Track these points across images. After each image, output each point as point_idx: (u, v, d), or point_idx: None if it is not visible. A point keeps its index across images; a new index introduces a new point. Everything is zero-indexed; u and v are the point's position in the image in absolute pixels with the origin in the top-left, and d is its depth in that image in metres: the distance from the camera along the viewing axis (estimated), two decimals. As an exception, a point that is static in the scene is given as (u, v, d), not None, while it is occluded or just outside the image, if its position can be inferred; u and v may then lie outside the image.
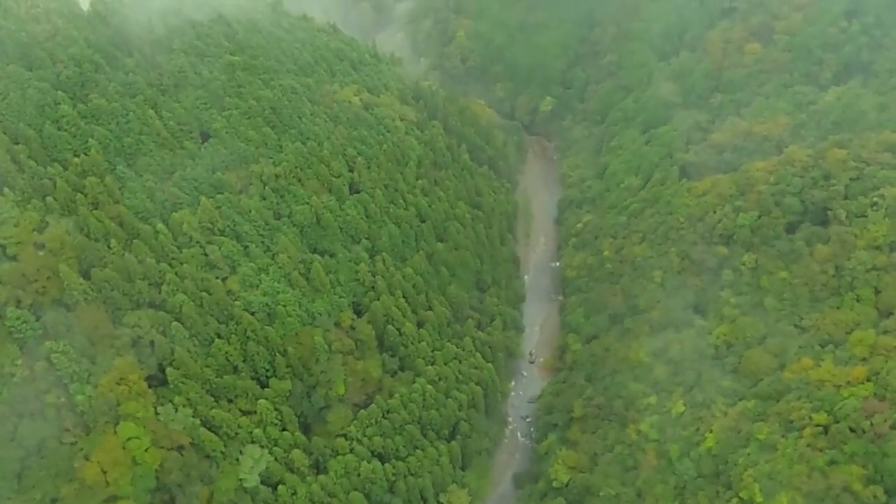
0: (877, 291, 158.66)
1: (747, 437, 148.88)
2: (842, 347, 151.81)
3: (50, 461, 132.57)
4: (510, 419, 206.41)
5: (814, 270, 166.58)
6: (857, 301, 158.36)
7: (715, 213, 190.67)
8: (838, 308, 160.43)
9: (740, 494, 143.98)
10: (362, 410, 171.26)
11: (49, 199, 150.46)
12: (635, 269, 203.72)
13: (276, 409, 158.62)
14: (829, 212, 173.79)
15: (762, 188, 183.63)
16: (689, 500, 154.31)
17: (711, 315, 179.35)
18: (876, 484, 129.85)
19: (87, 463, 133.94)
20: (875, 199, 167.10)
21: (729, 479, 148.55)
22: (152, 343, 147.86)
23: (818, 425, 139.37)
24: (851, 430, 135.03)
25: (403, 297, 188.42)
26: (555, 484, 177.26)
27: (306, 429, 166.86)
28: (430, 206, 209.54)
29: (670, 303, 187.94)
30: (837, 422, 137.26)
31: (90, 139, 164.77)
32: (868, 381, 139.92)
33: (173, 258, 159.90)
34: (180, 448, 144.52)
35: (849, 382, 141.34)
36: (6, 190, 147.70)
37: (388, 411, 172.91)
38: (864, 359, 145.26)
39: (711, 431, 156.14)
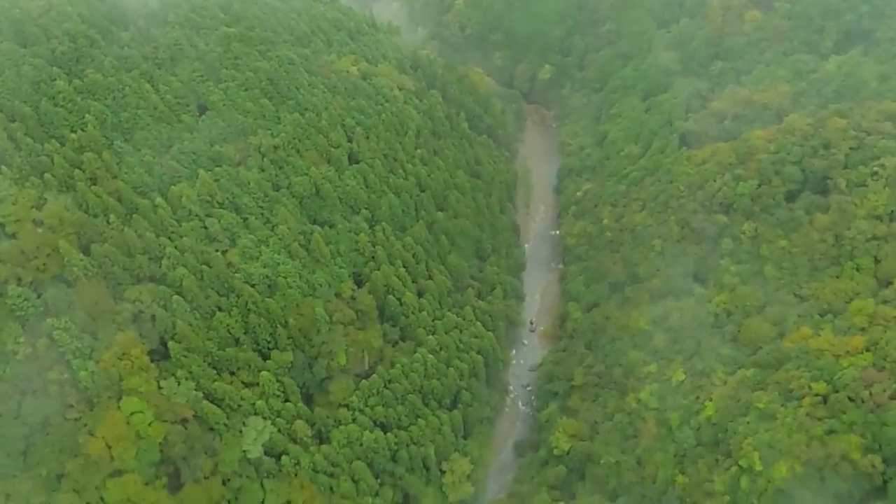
0: (876, 261, 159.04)
1: (747, 406, 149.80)
2: (841, 317, 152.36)
3: (54, 437, 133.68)
4: (511, 388, 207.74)
5: (813, 239, 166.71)
6: (857, 270, 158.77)
7: (715, 181, 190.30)
8: (838, 277, 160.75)
9: (740, 463, 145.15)
10: (364, 381, 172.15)
11: (47, 175, 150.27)
12: (635, 238, 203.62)
13: (278, 381, 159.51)
14: (829, 181, 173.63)
15: (762, 157, 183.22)
16: (688, 468, 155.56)
17: (711, 283, 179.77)
18: (874, 453, 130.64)
19: (92, 438, 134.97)
20: (875, 168, 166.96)
21: (728, 447, 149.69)
22: (153, 317, 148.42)
23: (817, 395, 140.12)
24: (850, 399, 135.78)
25: (404, 266, 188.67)
26: (555, 452, 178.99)
27: (308, 400, 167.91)
28: (429, 176, 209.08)
29: (670, 271, 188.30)
30: (836, 391, 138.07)
31: (87, 115, 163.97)
32: (867, 350, 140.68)
33: (173, 232, 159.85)
34: (184, 421, 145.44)
35: (848, 352, 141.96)
36: (3, 168, 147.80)
37: (389, 381, 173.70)
38: (864, 328, 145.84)
39: (711, 400, 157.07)
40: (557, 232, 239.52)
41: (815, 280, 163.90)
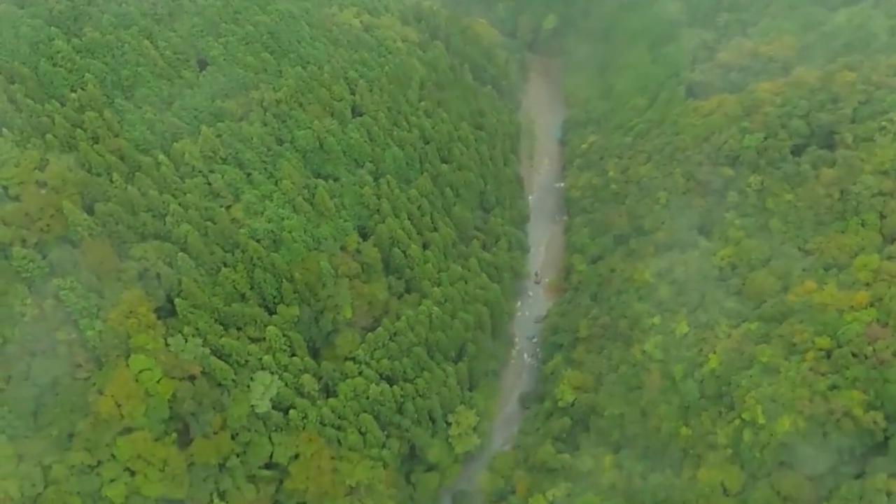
0: (882, 217, 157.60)
1: (750, 360, 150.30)
2: (846, 272, 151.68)
3: (64, 397, 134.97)
4: (516, 340, 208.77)
5: (819, 194, 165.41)
6: (862, 226, 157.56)
7: (721, 134, 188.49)
8: (843, 232, 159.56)
9: (743, 416, 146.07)
10: (370, 334, 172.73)
11: (48, 136, 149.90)
12: (640, 190, 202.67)
13: (284, 336, 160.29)
14: (835, 135, 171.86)
15: (769, 110, 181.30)
16: (692, 421, 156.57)
17: (716, 236, 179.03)
18: (876, 410, 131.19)
19: (101, 397, 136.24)
20: (883, 123, 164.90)
21: (732, 400, 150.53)
22: (159, 275, 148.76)
23: (821, 349, 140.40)
24: (854, 355, 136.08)
25: (408, 219, 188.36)
26: (560, 404, 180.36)
27: (315, 353, 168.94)
28: (433, 128, 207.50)
29: (675, 224, 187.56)
30: (840, 346, 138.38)
31: (86, 74, 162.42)
32: (871, 306, 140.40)
33: (176, 189, 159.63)
34: (192, 378, 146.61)
35: (852, 307, 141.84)
36: (5, 130, 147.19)
37: (395, 334, 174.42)
38: (868, 284, 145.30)
39: (715, 353, 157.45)
40: (562, 184, 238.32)
41: (821, 234, 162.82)
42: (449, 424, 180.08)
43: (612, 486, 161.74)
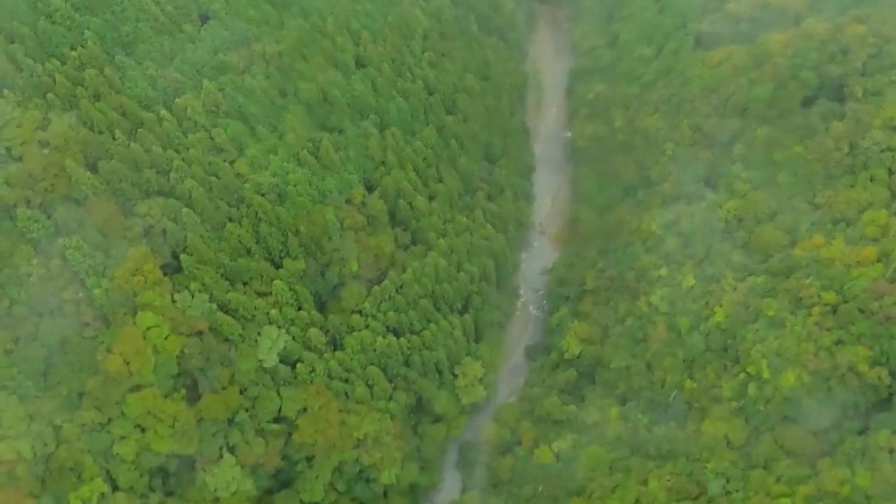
0: (890, 172, 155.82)
1: (756, 313, 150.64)
2: (853, 227, 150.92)
3: (73, 356, 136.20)
4: (521, 291, 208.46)
5: (828, 147, 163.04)
6: (871, 181, 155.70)
7: (729, 85, 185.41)
8: (852, 187, 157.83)
9: (748, 370, 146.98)
10: (376, 286, 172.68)
11: (49, 95, 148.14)
12: (647, 141, 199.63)
13: (291, 289, 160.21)
14: (845, 88, 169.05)
15: (778, 61, 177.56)
16: (697, 374, 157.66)
17: (722, 189, 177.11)
18: (881, 366, 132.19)
19: (110, 355, 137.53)
20: (893, 77, 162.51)
21: (737, 353, 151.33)
22: (164, 231, 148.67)
23: (827, 304, 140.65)
24: (860, 311, 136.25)
25: (414, 171, 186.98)
26: (566, 356, 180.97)
27: (322, 307, 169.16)
28: (437, 79, 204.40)
29: (682, 176, 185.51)
30: (846, 302, 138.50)
31: (86, 31, 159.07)
32: (878, 261, 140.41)
33: (179, 144, 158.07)
34: (199, 333, 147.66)
35: (859, 262, 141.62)
36: (5, 91, 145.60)
37: (401, 286, 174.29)
38: (875, 239, 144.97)
39: (721, 306, 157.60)
40: (568, 134, 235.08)
41: (829, 188, 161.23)
42: (455, 376, 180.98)
43: (617, 438, 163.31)
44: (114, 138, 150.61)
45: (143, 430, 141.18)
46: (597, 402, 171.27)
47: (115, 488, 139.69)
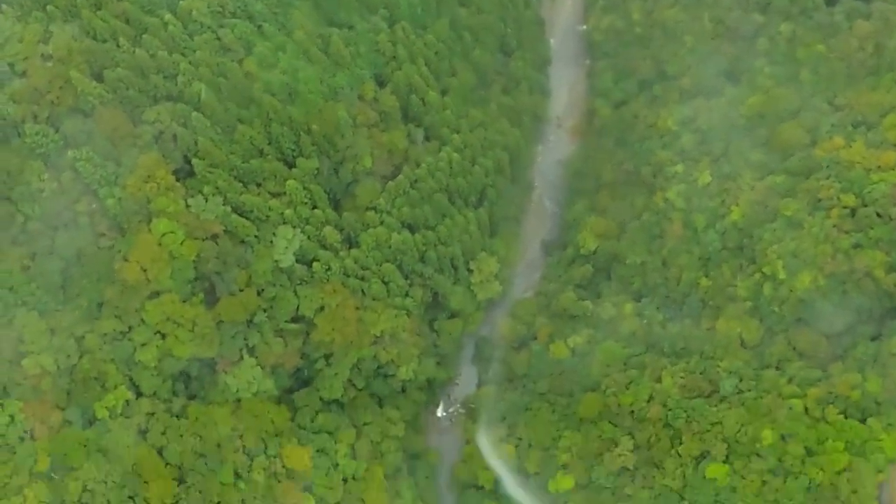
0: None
1: (774, 213, 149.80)
2: (874, 130, 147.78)
3: (90, 268, 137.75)
4: (537, 185, 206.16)
5: (852, 47, 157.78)
6: (895, 83, 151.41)
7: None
8: (874, 89, 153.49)
9: (763, 270, 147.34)
10: (390, 182, 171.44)
11: (50, 7, 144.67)
12: (666, 34, 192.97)
13: (304, 188, 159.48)
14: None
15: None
16: (712, 272, 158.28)
17: (744, 84, 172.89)
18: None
19: (126, 263, 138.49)
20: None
21: (753, 253, 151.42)
22: (174, 136, 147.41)
23: (845, 207, 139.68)
24: (878, 215, 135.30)
25: (426, 65, 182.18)
26: (583, 251, 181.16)
27: (336, 205, 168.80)
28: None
29: (701, 70, 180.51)
30: (865, 205, 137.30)
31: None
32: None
33: (185, 47, 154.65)
34: (214, 237, 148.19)
35: (879, 167, 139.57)
36: (4, 6, 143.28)
37: (415, 181, 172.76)
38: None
39: (737, 204, 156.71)
40: (585, 26, 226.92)
41: (851, 89, 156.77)
42: (471, 272, 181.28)
43: (632, 334, 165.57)
44: (118, 46, 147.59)
45: (163, 336, 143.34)
46: (612, 298, 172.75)
47: (139, 395, 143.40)
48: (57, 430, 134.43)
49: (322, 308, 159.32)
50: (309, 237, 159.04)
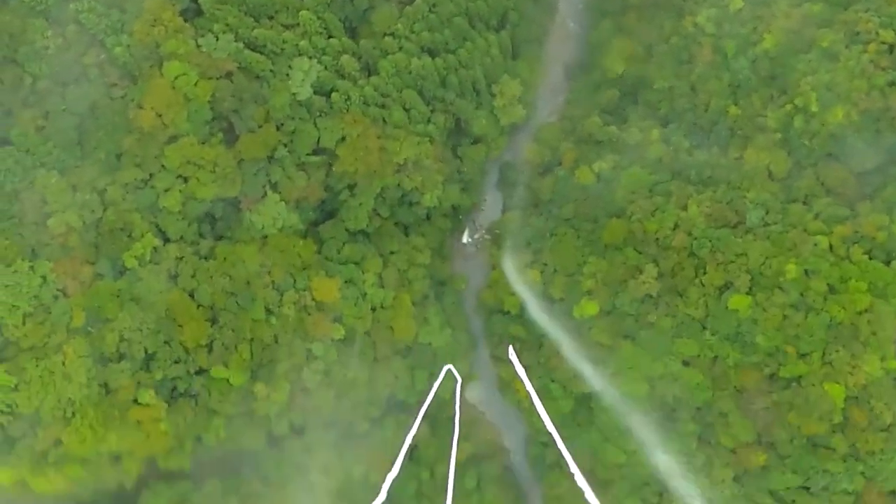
0: None
1: (809, 43, 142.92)
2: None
3: (105, 120, 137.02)
4: (560, 5, 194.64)
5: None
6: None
7: None
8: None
9: (795, 101, 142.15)
10: (407, 6, 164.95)
11: None
12: None
13: (318, 18, 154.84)
14: None
15: None
16: (742, 100, 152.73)
17: None
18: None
19: (141, 111, 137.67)
20: None
21: (785, 83, 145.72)
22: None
23: (884, 42, 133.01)
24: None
25: None
26: (609, 75, 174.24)
27: (352, 32, 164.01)
28: None
29: None
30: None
31: None
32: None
33: None
34: (228, 75, 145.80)
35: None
36: None
37: (434, 4, 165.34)
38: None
39: (770, 32, 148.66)
40: None
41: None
42: (493, 95, 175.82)
43: (658, 160, 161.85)
44: None
45: (185, 180, 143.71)
46: (639, 123, 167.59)
47: (167, 241, 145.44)
48: (89, 285, 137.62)
49: (343, 138, 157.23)
50: (326, 67, 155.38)
